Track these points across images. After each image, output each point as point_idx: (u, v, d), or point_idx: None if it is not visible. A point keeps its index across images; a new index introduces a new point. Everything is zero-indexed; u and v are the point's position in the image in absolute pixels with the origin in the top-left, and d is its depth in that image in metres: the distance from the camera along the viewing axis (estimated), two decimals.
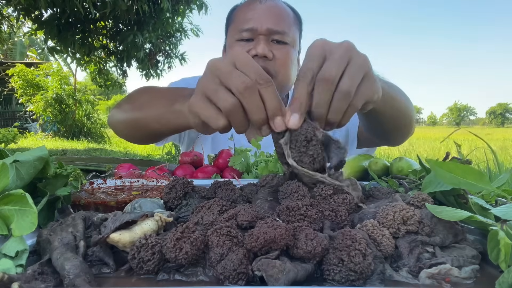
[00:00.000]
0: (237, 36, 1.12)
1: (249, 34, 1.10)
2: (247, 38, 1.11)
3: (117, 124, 1.01)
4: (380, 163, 0.79)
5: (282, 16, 1.13)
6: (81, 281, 0.34)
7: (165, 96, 0.81)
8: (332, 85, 0.51)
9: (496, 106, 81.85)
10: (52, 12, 4.64)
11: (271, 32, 1.09)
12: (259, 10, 1.11)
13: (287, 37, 1.11)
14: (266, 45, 1.08)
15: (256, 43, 1.09)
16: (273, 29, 1.09)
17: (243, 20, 1.12)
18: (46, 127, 11.37)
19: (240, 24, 1.12)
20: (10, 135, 0.57)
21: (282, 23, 1.11)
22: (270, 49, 1.08)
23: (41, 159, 0.49)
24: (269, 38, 1.10)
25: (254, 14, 1.10)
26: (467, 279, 0.38)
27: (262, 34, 1.09)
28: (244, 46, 1.10)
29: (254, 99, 0.51)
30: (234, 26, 1.15)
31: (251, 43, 1.10)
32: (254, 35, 1.10)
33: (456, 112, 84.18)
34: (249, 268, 0.36)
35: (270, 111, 0.52)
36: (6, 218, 0.40)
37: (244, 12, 1.14)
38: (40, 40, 13.34)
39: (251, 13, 1.11)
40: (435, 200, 0.53)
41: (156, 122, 0.81)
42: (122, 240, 0.39)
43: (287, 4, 1.19)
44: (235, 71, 0.51)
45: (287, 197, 0.51)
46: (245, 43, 1.11)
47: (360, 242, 0.37)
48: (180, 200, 0.54)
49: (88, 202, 0.56)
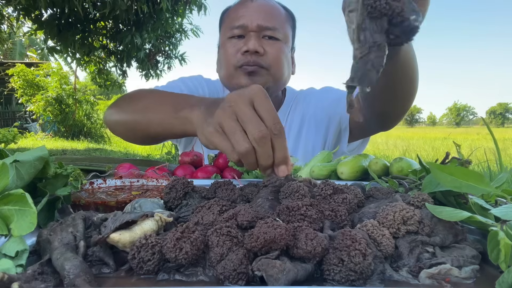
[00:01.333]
0: (228, 34, 1.13)
1: (240, 31, 1.11)
2: (238, 35, 1.12)
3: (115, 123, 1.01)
4: (380, 163, 0.79)
5: (273, 12, 1.14)
6: (81, 281, 0.34)
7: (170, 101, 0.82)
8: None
9: (496, 106, 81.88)
10: (52, 12, 4.64)
11: (262, 28, 1.09)
12: (249, 8, 1.12)
13: (279, 33, 1.12)
14: (257, 41, 1.08)
15: (247, 39, 1.09)
16: (264, 25, 1.09)
17: (234, 18, 1.13)
18: (46, 127, 11.37)
19: (231, 22, 1.13)
20: (10, 135, 0.57)
21: (272, 19, 1.11)
22: (261, 45, 1.08)
23: (41, 159, 0.49)
24: (260, 34, 1.10)
25: (245, 12, 1.12)
26: (467, 279, 0.38)
27: (253, 31, 1.09)
28: (236, 43, 1.11)
29: (266, 149, 0.58)
30: (226, 25, 1.17)
31: (242, 40, 1.11)
32: (245, 31, 1.10)
33: (455, 112, 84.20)
34: (249, 268, 0.36)
35: (278, 160, 0.59)
36: (6, 218, 0.40)
37: (235, 11, 1.15)
38: (40, 40, 13.34)
39: (242, 11, 1.12)
40: (435, 200, 0.53)
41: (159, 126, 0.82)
42: (122, 240, 0.39)
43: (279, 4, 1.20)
44: (254, 116, 0.57)
45: (287, 197, 0.51)
46: (237, 40, 1.12)
47: (360, 242, 0.36)
48: (180, 200, 0.54)
49: (88, 202, 0.56)
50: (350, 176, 0.80)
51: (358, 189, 0.57)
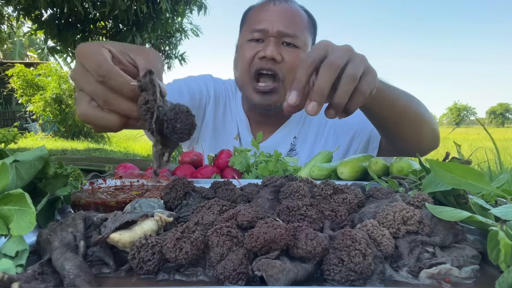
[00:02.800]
0: (248, 36, 1.12)
1: (260, 34, 1.09)
2: (257, 39, 1.10)
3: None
4: (380, 163, 0.79)
5: (295, 19, 1.12)
6: (81, 281, 0.34)
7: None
8: (336, 69, 0.57)
9: (496, 106, 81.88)
10: (52, 12, 4.64)
11: (282, 34, 1.08)
12: (272, 12, 1.10)
13: (298, 41, 1.10)
14: (276, 47, 1.07)
15: (265, 45, 1.08)
16: (284, 32, 1.08)
17: (256, 20, 1.11)
18: (46, 127, 11.37)
19: (252, 25, 1.12)
20: (10, 135, 0.57)
21: (294, 26, 1.10)
22: (279, 52, 1.07)
23: (41, 159, 0.49)
24: (279, 40, 1.09)
25: (266, 15, 1.10)
26: (467, 279, 0.38)
27: (272, 36, 1.08)
28: (254, 47, 1.10)
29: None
30: (246, 27, 1.16)
31: (261, 44, 1.10)
32: (265, 36, 1.09)
33: (456, 112, 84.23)
34: (249, 268, 0.36)
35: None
36: (5, 218, 0.40)
37: (257, 13, 1.14)
38: (40, 40, 13.35)
39: (264, 14, 1.11)
40: (435, 200, 0.53)
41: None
42: (122, 240, 0.39)
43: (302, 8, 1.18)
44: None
45: (287, 197, 0.51)
46: (255, 43, 1.11)
47: (360, 242, 0.36)
48: (180, 200, 0.54)
49: (88, 202, 0.56)
50: (350, 176, 0.80)
51: (358, 189, 0.57)
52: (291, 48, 1.10)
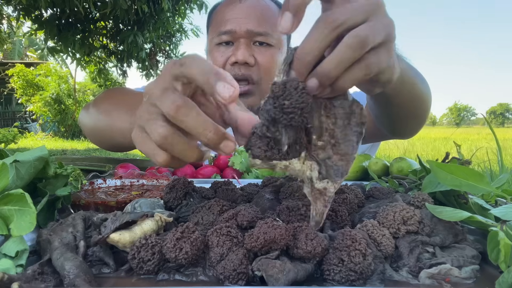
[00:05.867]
0: (216, 40, 1.01)
1: (228, 37, 0.99)
2: (226, 41, 1.00)
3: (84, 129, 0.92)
4: (380, 163, 0.79)
5: (265, 15, 1.00)
6: (81, 281, 0.34)
7: (130, 103, 0.68)
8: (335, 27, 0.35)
9: (496, 106, 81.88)
10: (52, 12, 4.64)
11: (252, 34, 0.97)
12: (238, 10, 0.99)
13: (271, 39, 0.99)
14: (247, 50, 0.97)
15: (235, 48, 0.98)
16: (254, 31, 0.97)
17: (221, 21, 1.00)
18: (46, 127, 11.37)
19: (218, 27, 1.00)
20: (10, 135, 0.57)
21: (264, 23, 0.98)
22: (251, 54, 0.98)
23: (41, 159, 0.49)
24: (250, 40, 0.99)
25: (233, 15, 0.99)
26: (467, 279, 0.38)
27: (242, 37, 0.97)
28: (224, 52, 1.00)
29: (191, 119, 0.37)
30: (213, 29, 1.05)
31: (231, 47, 0.99)
32: (234, 38, 0.98)
33: (456, 112, 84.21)
34: (249, 268, 0.36)
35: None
36: (6, 218, 0.40)
37: (222, 13, 1.02)
38: (39, 40, 13.35)
39: (230, 14, 0.99)
40: (435, 200, 0.53)
41: (121, 135, 0.69)
42: (122, 240, 0.39)
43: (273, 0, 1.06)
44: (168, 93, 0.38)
45: (287, 197, 0.51)
46: (225, 48, 1.00)
47: (360, 242, 0.37)
48: (180, 200, 0.54)
49: (88, 202, 0.56)
50: (350, 176, 0.80)
51: (358, 189, 0.57)
52: (264, 47, 1.00)
